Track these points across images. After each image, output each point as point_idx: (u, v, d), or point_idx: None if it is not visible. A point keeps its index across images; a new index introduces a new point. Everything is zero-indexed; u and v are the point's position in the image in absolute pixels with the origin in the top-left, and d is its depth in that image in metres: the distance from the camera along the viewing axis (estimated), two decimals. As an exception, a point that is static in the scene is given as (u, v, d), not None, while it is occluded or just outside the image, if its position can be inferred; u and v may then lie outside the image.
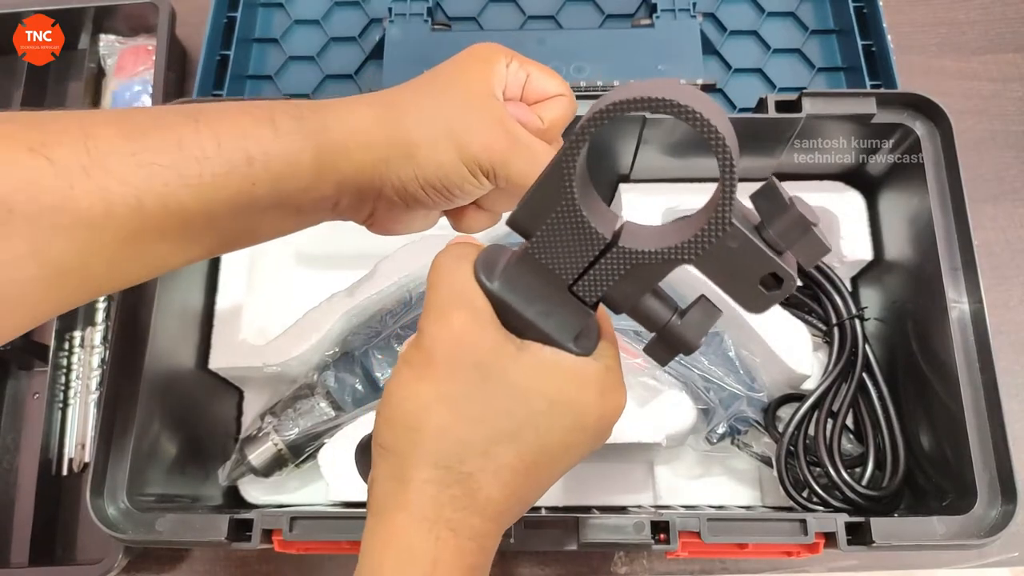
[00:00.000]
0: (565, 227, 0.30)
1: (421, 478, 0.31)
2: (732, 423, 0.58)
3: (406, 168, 0.37)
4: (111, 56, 0.75)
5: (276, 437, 0.58)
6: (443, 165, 0.37)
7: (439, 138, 0.37)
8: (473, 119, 0.37)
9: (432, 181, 0.37)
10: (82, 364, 0.67)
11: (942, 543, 0.47)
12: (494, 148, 0.37)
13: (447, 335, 0.32)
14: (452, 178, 0.37)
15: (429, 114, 0.37)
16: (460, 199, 0.39)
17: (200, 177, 0.33)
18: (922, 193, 0.54)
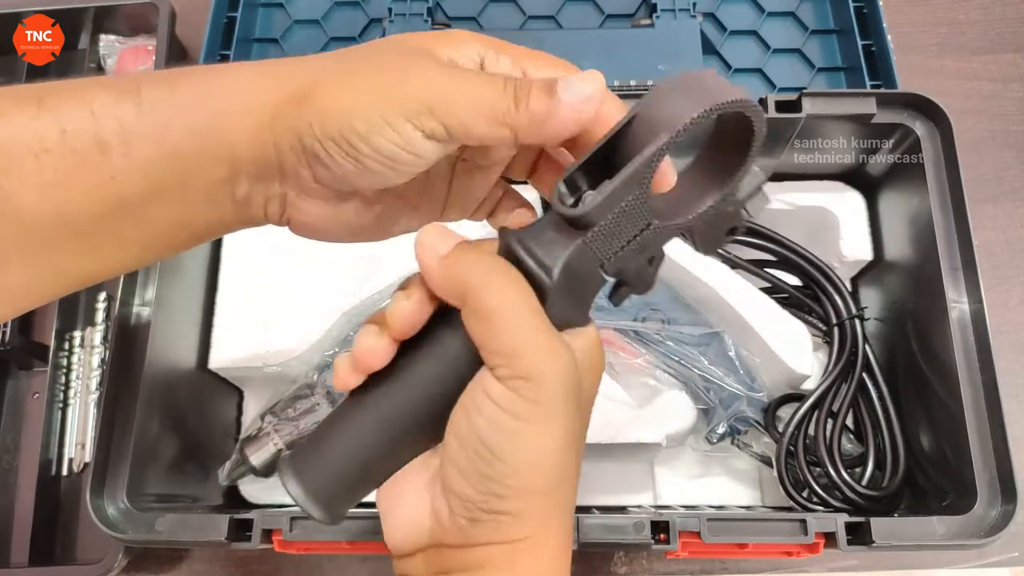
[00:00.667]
0: (629, 217, 0.29)
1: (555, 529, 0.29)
2: (732, 423, 0.58)
3: (299, 116, 0.28)
4: (111, 56, 0.75)
5: (276, 437, 0.58)
6: (347, 107, 0.28)
7: (349, 76, 0.29)
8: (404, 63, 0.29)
9: (330, 130, 0.28)
10: (82, 364, 0.67)
11: (942, 543, 0.47)
12: (424, 81, 0.28)
13: (560, 380, 0.27)
14: (357, 126, 0.27)
15: (336, 57, 0.30)
16: (382, 169, 0.29)
17: (40, 176, 0.27)
18: (922, 193, 0.54)
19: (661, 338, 0.59)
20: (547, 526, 0.28)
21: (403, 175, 0.30)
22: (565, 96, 0.28)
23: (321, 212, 0.31)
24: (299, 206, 0.31)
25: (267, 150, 0.29)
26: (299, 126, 0.28)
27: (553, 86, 0.28)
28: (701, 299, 0.60)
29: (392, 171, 0.29)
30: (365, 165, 0.28)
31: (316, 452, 0.31)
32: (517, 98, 0.28)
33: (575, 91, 0.28)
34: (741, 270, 0.61)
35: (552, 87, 0.28)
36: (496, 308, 0.27)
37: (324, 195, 0.30)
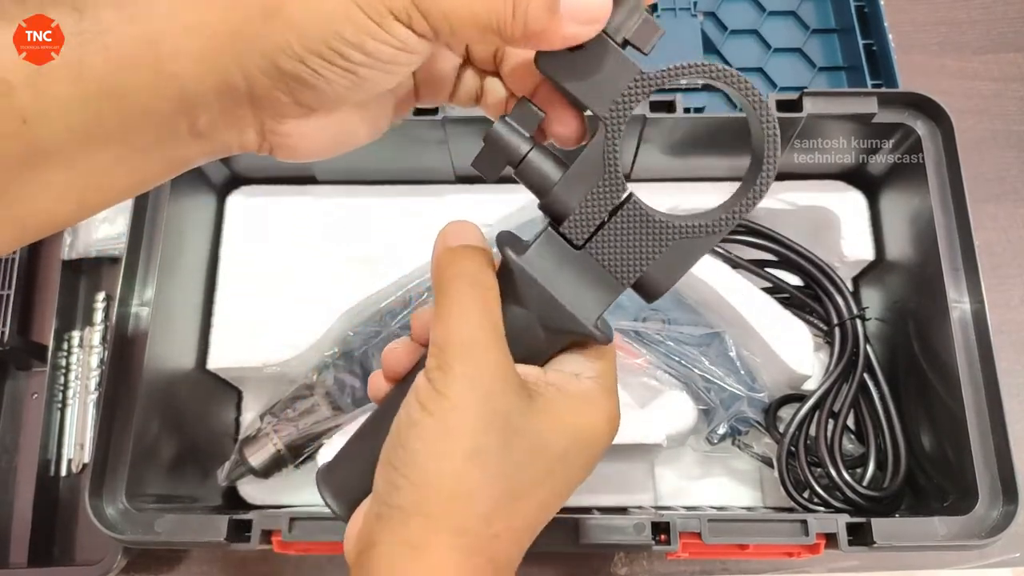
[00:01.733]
0: (601, 200, 0.28)
1: (445, 545, 0.27)
2: (733, 423, 0.58)
3: (270, 35, 0.24)
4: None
5: (275, 437, 0.58)
6: (328, 13, 0.24)
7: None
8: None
9: (315, 43, 0.24)
10: (81, 364, 0.66)
11: (943, 544, 0.47)
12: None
13: (479, 382, 0.27)
14: (347, 33, 0.24)
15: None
16: (376, 75, 0.26)
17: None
18: (923, 193, 0.54)
19: (662, 338, 0.59)
20: (436, 541, 0.27)
21: (397, 77, 0.27)
22: (568, 11, 0.26)
23: (307, 131, 0.28)
24: (280, 131, 0.28)
25: (231, 77, 0.25)
26: (271, 46, 0.24)
27: (556, 3, 0.25)
28: (702, 299, 0.60)
29: (387, 75, 0.26)
30: (359, 75, 0.25)
31: (347, 462, 0.32)
32: (515, 5, 0.25)
33: (579, 6, 0.26)
34: (742, 270, 0.61)
35: (555, 3, 0.25)
36: (447, 304, 0.28)
37: (307, 114, 0.27)
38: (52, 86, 0.25)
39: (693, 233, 0.29)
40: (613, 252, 0.29)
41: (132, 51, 0.25)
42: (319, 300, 0.59)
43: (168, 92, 0.25)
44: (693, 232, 0.29)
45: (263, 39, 0.25)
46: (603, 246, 0.29)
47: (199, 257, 0.61)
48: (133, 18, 0.25)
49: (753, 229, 0.61)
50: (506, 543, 0.28)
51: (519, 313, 0.29)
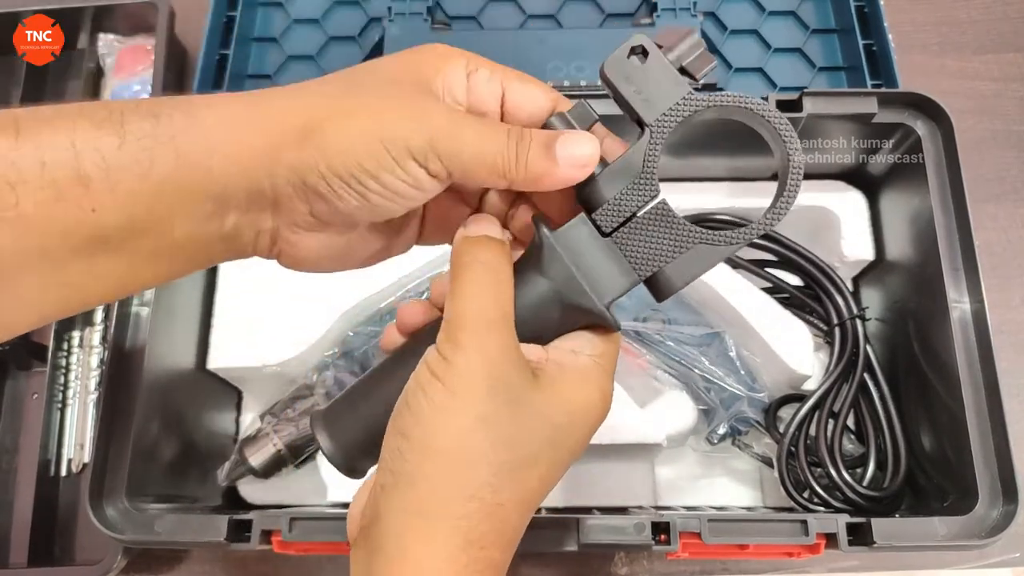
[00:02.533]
0: (635, 196, 0.31)
1: (455, 514, 0.28)
2: (733, 423, 0.58)
3: (302, 152, 0.28)
4: (110, 55, 0.75)
5: (275, 438, 0.58)
6: (355, 145, 0.28)
7: (350, 112, 0.29)
8: (404, 96, 0.30)
9: (339, 169, 0.28)
10: (81, 364, 0.66)
11: (943, 544, 0.47)
12: (430, 124, 0.29)
13: (487, 355, 0.29)
14: (368, 164, 0.28)
15: (335, 93, 0.30)
16: (385, 203, 0.30)
17: (16, 208, 0.26)
18: (923, 193, 0.54)
19: (662, 338, 0.59)
20: (443, 511, 0.28)
21: (403, 208, 0.31)
22: (562, 158, 0.30)
23: (313, 244, 0.32)
24: (290, 239, 0.31)
25: (261, 184, 0.29)
26: (302, 164, 0.28)
27: (552, 145, 0.30)
28: (702, 299, 0.60)
29: (395, 205, 0.30)
30: (370, 201, 0.29)
31: (347, 407, 0.33)
32: (518, 153, 0.30)
33: (572, 154, 0.30)
34: (742, 270, 0.61)
35: (551, 146, 0.30)
36: (461, 285, 0.30)
37: (317, 227, 0.31)
38: (122, 180, 0.28)
39: (714, 241, 0.31)
40: (636, 245, 0.32)
41: (192, 156, 0.28)
42: (319, 300, 0.59)
43: (212, 192, 0.29)
44: (714, 240, 0.31)
45: (294, 156, 0.29)
46: (628, 238, 0.32)
47: (199, 257, 0.61)
48: (198, 126, 0.29)
49: (753, 229, 0.61)
50: (511, 514, 0.29)
51: (540, 284, 0.31)
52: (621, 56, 0.31)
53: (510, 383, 0.29)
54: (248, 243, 0.31)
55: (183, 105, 0.29)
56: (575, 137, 0.31)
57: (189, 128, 0.29)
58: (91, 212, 0.27)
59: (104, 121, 0.28)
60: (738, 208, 0.61)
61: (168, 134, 0.28)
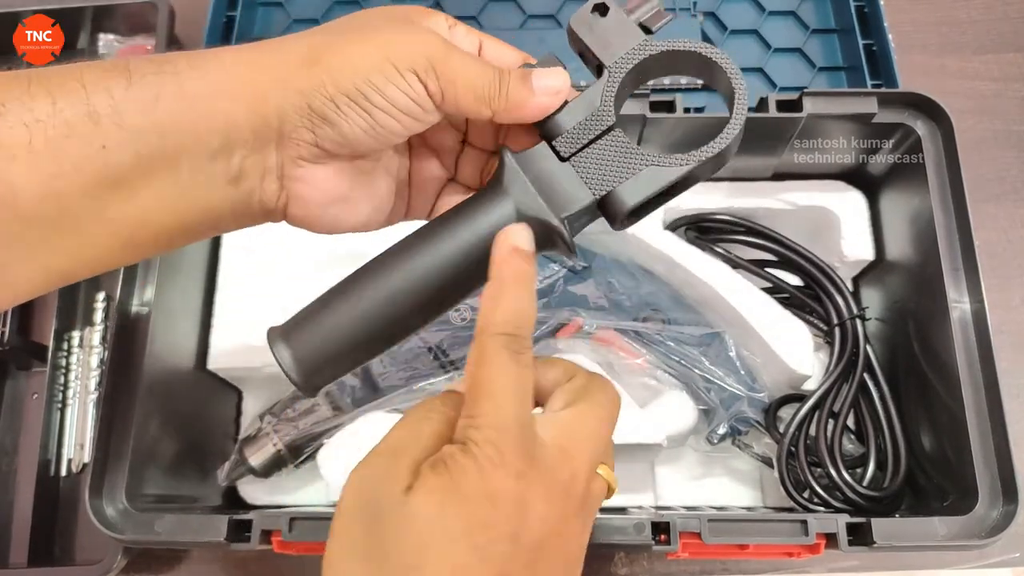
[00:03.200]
0: (591, 126, 0.34)
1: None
2: (733, 424, 0.58)
3: (310, 76, 0.30)
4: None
5: (275, 437, 0.58)
6: (362, 64, 0.30)
7: (354, 39, 0.31)
8: (401, 27, 0.32)
9: (346, 86, 0.30)
10: (81, 364, 0.66)
11: (943, 544, 0.47)
12: (430, 46, 0.31)
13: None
14: (375, 79, 0.30)
15: (334, 30, 0.32)
16: (389, 122, 0.31)
17: (29, 146, 0.27)
18: (923, 193, 0.54)
19: (662, 338, 0.59)
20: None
21: (404, 132, 0.32)
22: (538, 88, 0.33)
23: (319, 179, 0.33)
24: (296, 175, 0.32)
25: (266, 115, 0.30)
26: (309, 87, 0.30)
27: (528, 77, 0.33)
28: (702, 299, 0.60)
29: (398, 125, 0.32)
30: (375, 119, 0.31)
31: (308, 320, 0.35)
32: (500, 83, 0.32)
33: (546, 84, 0.33)
34: (742, 270, 0.61)
35: (527, 78, 0.33)
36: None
37: (323, 158, 0.32)
38: (130, 116, 0.29)
39: (664, 163, 0.33)
40: (592, 167, 0.34)
41: (198, 93, 0.30)
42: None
43: (217, 127, 0.30)
44: (664, 162, 0.33)
45: (304, 81, 0.30)
46: (584, 161, 0.34)
47: (199, 257, 0.61)
48: (202, 68, 0.30)
49: (753, 229, 0.61)
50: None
51: (503, 201, 0.33)
52: (585, 12, 0.35)
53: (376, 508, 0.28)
54: (255, 188, 0.32)
55: (187, 54, 0.31)
56: (548, 70, 0.33)
57: (192, 70, 0.30)
58: (101, 148, 0.28)
59: (111, 67, 0.29)
60: (738, 208, 0.61)
61: (172, 73, 0.30)
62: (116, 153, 0.29)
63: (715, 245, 0.61)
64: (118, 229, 0.30)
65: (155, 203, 0.30)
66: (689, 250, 0.59)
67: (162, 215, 0.31)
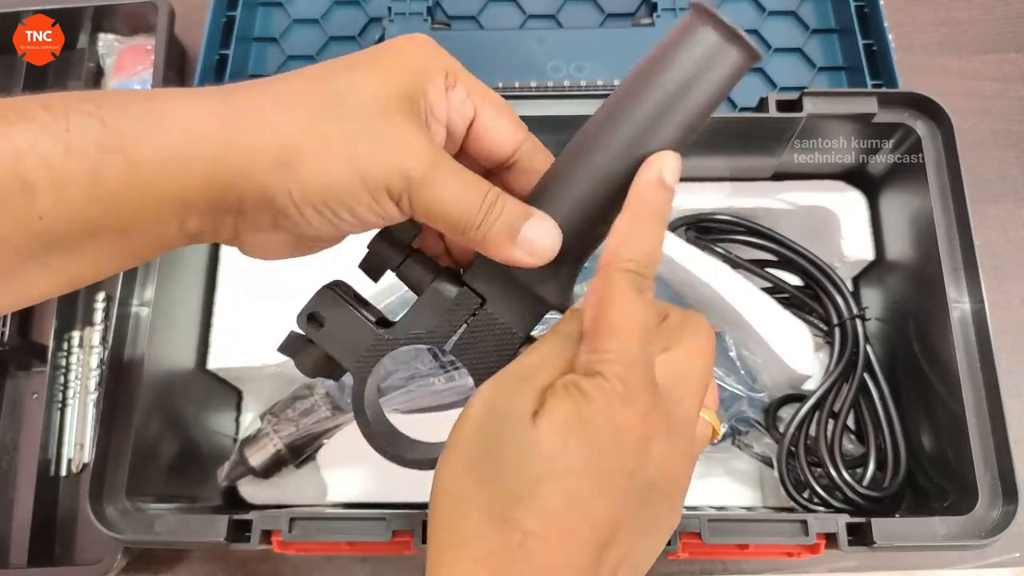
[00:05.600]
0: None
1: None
2: (733, 423, 0.58)
3: (276, 176, 0.28)
4: (110, 55, 0.75)
5: (275, 438, 0.58)
6: (333, 181, 0.28)
7: (328, 140, 0.28)
8: (385, 127, 0.29)
9: (313, 198, 0.28)
10: (81, 364, 0.66)
11: (943, 544, 0.47)
12: (410, 162, 0.29)
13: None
14: (344, 198, 0.29)
15: (314, 111, 0.29)
16: (349, 227, 0.30)
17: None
18: (923, 193, 0.54)
19: (661, 338, 0.59)
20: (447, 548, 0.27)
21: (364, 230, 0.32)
22: (526, 236, 0.30)
23: (275, 242, 0.32)
24: (253, 239, 0.32)
25: (225, 197, 0.29)
26: (272, 186, 0.28)
27: (516, 233, 0.30)
28: (702, 299, 0.60)
29: (359, 230, 0.31)
30: (339, 228, 0.30)
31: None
32: (485, 221, 0.30)
33: (534, 241, 0.30)
34: (742, 270, 0.61)
35: (515, 233, 0.30)
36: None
37: (270, 229, 0.31)
38: (70, 190, 0.26)
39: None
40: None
41: (147, 164, 0.27)
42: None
43: (170, 201, 0.28)
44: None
45: (267, 179, 0.28)
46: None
47: (199, 257, 0.61)
48: (152, 133, 0.28)
49: (753, 229, 0.61)
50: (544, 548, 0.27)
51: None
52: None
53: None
54: (208, 238, 0.31)
55: (135, 107, 0.28)
56: (541, 224, 0.31)
57: (140, 130, 0.27)
58: (38, 220, 0.26)
59: (48, 125, 0.26)
60: (738, 208, 0.61)
61: (116, 143, 0.27)
62: (56, 224, 0.27)
63: (715, 245, 0.61)
64: (60, 278, 0.29)
65: (102, 260, 0.29)
66: (689, 250, 0.59)
67: (108, 262, 0.30)
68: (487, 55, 0.68)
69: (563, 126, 0.55)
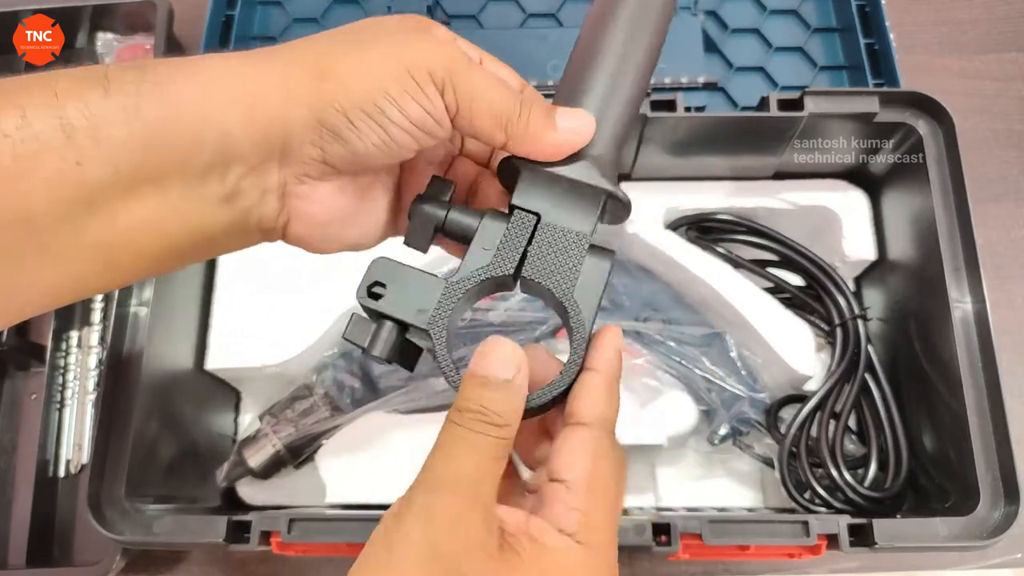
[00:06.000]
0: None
1: None
2: (734, 424, 0.58)
3: (321, 89, 0.28)
4: (108, 55, 0.75)
5: (274, 438, 0.57)
6: (379, 72, 0.28)
7: (368, 45, 0.28)
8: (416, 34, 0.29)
9: (361, 99, 0.28)
10: (79, 365, 0.66)
11: (945, 544, 0.46)
12: (449, 55, 0.29)
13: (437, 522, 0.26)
14: (392, 90, 0.28)
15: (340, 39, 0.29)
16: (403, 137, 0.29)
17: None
18: (925, 192, 0.54)
19: (662, 338, 0.58)
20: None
21: (415, 149, 0.30)
22: (562, 124, 0.31)
23: (323, 196, 0.31)
24: (299, 192, 0.30)
25: (268, 130, 0.28)
26: (320, 101, 0.27)
27: (552, 112, 0.31)
28: (703, 299, 0.59)
29: (411, 140, 0.29)
30: (390, 134, 0.29)
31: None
32: (522, 110, 0.30)
33: (571, 123, 0.31)
34: (743, 270, 0.60)
35: (551, 112, 0.31)
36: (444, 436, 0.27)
37: (329, 175, 0.30)
38: (108, 128, 0.26)
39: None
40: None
41: (185, 100, 0.27)
42: (319, 300, 0.59)
43: (210, 140, 0.27)
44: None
45: (310, 93, 0.27)
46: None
47: (198, 257, 0.61)
48: (189, 75, 0.27)
49: (754, 229, 0.61)
50: None
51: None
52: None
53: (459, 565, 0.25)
54: (252, 207, 0.30)
55: (173, 60, 0.28)
56: (574, 111, 0.31)
57: (179, 74, 0.27)
58: (75, 165, 0.25)
59: (87, 75, 0.26)
60: (739, 207, 0.61)
61: (153, 79, 0.26)
62: (93, 170, 0.26)
63: (716, 245, 0.61)
64: (96, 254, 0.27)
65: (139, 225, 0.27)
66: (690, 250, 0.59)
67: (147, 238, 0.28)
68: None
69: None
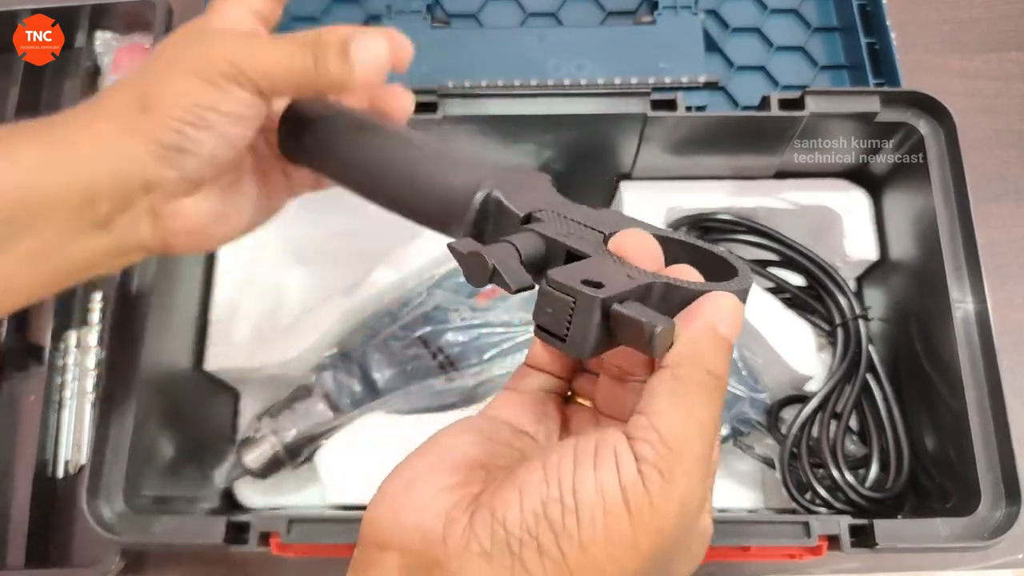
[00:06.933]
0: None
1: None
2: (734, 424, 0.58)
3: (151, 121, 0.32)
4: (107, 54, 0.75)
5: (273, 439, 0.57)
6: (184, 92, 0.32)
7: (168, 73, 0.32)
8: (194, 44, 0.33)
9: (183, 115, 0.32)
10: (78, 365, 0.66)
11: (946, 545, 0.46)
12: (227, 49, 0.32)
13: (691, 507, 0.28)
14: (202, 101, 0.32)
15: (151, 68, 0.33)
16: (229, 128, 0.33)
17: None
18: (926, 192, 0.54)
19: (662, 338, 0.58)
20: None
21: (252, 130, 0.34)
22: (357, 61, 0.32)
23: (193, 208, 0.34)
24: (169, 211, 0.33)
25: (122, 163, 0.31)
26: (153, 128, 0.32)
27: (346, 49, 0.32)
28: (703, 299, 0.59)
29: (243, 128, 0.33)
30: (219, 131, 0.32)
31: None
32: (316, 59, 0.32)
33: (363, 59, 0.32)
34: (743, 270, 0.60)
35: (345, 50, 0.32)
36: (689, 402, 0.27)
37: (191, 188, 0.34)
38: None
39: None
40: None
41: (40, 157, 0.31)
42: (318, 300, 0.58)
43: (74, 182, 0.31)
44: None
45: (146, 125, 0.32)
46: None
47: (196, 257, 0.60)
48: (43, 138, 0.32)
49: (755, 228, 0.60)
50: None
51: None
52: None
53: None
54: (127, 231, 0.33)
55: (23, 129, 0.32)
56: (367, 39, 0.33)
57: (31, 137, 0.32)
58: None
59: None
60: (739, 207, 0.61)
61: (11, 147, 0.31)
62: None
63: (717, 245, 0.61)
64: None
65: (20, 264, 0.31)
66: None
67: (29, 273, 0.31)
68: (487, 53, 0.68)
69: (563, 125, 0.55)
